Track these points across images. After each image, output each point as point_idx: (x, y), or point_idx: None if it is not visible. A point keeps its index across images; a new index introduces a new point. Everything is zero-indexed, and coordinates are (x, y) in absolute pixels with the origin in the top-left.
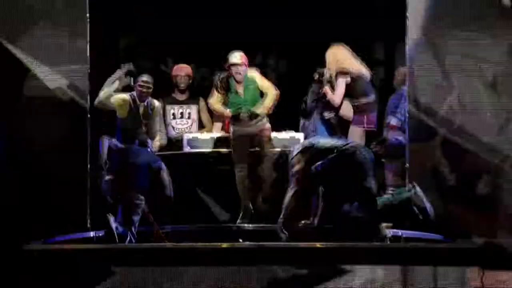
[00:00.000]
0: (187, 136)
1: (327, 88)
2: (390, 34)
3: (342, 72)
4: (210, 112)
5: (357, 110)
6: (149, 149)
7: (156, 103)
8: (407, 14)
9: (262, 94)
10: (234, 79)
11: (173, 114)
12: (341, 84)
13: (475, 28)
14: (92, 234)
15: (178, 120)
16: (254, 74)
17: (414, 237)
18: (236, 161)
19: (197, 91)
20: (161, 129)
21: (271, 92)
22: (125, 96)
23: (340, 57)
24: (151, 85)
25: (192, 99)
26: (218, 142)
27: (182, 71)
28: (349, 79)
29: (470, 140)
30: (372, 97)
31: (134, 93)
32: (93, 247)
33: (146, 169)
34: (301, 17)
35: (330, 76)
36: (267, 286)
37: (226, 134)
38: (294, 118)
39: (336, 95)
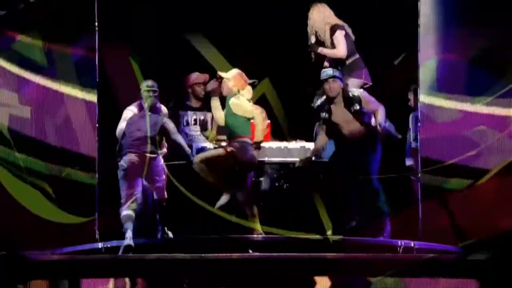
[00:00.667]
0: (196, 146)
1: (322, 48)
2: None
3: (337, 26)
4: None
5: (352, 68)
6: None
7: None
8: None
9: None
10: None
11: (186, 120)
12: (340, 36)
13: None
14: (100, 245)
15: (192, 127)
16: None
17: (426, 248)
18: None
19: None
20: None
21: None
22: (133, 108)
23: (328, 14)
24: (157, 89)
25: (206, 106)
26: None
27: (201, 79)
28: (344, 32)
29: None
30: (357, 54)
31: (141, 101)
32: (101, 258)
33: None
34: None
35: (317, 38)
36: None
37: None
38: (304, 128)
39: (340, 46)
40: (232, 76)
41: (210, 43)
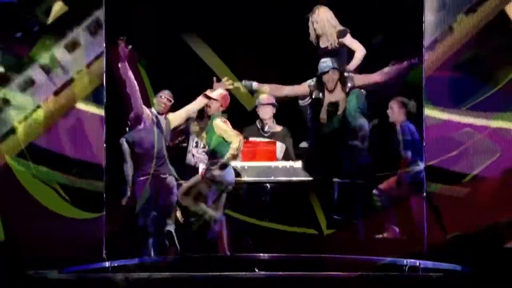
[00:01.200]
0: (202, 167)
1: (353, 65)
2: None
3: (345, 30)
4: None
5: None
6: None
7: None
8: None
9: None
10: None
11: (196, 142)
12: (351, 38)
13: None
14: (107, 264)
15: (200, 149)
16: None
17: (432, 268)
18: None
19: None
20: None
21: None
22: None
23: (333, 17)
24: (172, 99)
25: None
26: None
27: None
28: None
29: None
30: None
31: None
32: (109, 277)
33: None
34: None
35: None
36: None
37: (242, 163)
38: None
39: (359, 44)
40: (221, 97)
41: (209, 48)
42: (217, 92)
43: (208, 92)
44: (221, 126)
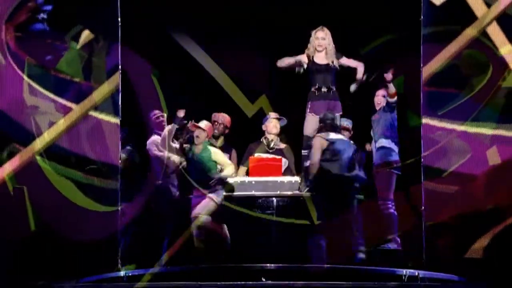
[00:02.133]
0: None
1: (358, 79)
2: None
3: (339, 53)
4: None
5: (319, 96)
6: None
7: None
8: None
9: None
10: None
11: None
12: (346, 58)
13: None
14: (122, 273)
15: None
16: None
17: (430, 277)
18: None
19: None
20: None
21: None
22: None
23: (331, 40)
24: (162, 116)
25: (226, 147)
26: (241, 185)
27: (219, 119)
28: None
29: None
30: None
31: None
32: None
33: None
34: None
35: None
36: None
37: (249, 178)
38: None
39: (355, 61)
40: (207, 128)
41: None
42: (203, 123)
43: (194, 123)
44: (216, 152)
